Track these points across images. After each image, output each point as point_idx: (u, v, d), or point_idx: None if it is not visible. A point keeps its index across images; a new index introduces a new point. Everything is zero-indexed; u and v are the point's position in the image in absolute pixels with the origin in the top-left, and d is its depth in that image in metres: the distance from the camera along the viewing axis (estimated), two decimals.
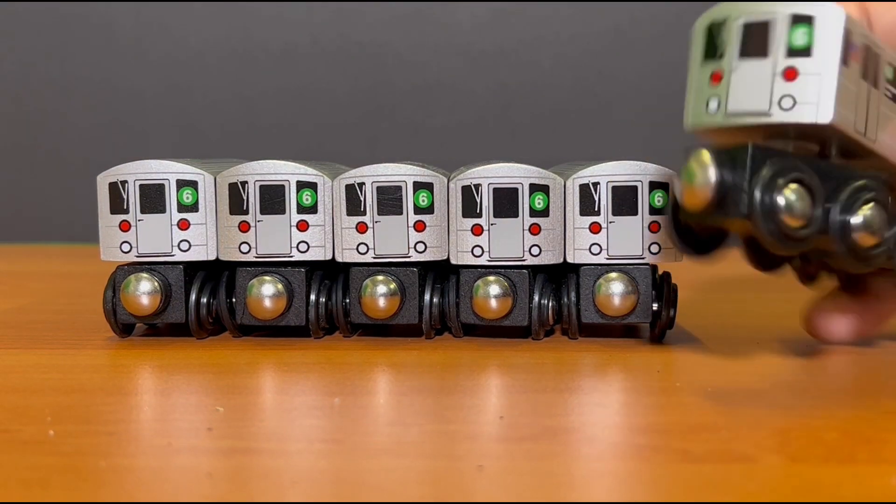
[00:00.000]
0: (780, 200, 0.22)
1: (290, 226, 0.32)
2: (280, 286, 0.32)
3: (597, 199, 0.32)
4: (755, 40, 0.23)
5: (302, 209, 0.32)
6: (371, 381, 0.28)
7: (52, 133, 0.74)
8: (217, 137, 0.73)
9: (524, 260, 0.32)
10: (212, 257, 0.33)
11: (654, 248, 0.32)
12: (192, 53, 0.73)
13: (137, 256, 0.33)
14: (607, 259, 0.32)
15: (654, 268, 0.32)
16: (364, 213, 0.32)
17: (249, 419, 0.24)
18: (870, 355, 0.31)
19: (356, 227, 0.32)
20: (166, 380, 0.29)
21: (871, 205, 0.23)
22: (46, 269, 0.60)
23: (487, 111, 0.72)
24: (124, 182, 0.33)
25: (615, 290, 0.31)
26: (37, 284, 0.51)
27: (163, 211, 0.32)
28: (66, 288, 0.49)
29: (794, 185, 0.22)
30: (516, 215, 0.32)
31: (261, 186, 0.32)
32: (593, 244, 0.32)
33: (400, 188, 0.32)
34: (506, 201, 0.32)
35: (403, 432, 0.23)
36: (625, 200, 0.31)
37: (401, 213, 0.32)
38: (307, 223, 0.32)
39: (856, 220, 0.23)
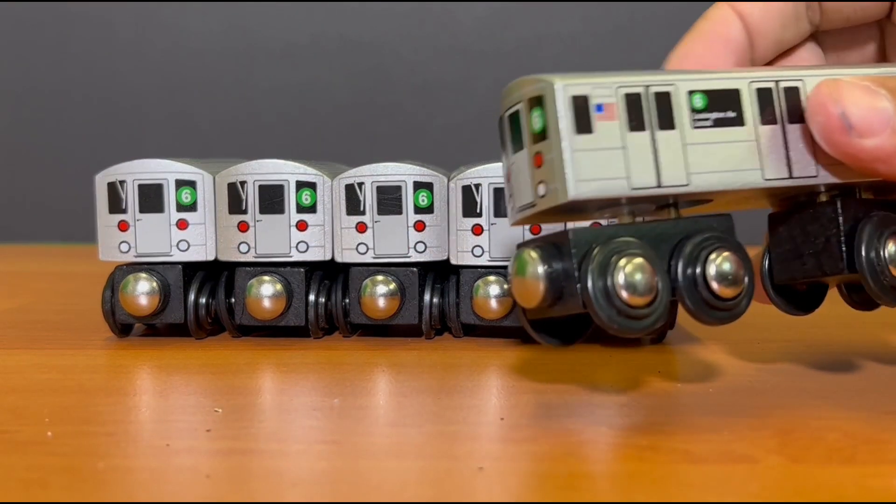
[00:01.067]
0: (620, 280, 0.20)
1: (290, 225, 0.32)
2: (279, 286, 0.32)
3: None
4: (514, 131, 0.22)
5: (301, 209, 0.32)
6: (371, 381, 0.28)
7: (52, 133, 0.74)
8: (216, 137, 0.73)
9: None
10: (211, 257, 0.33)
11: None
12: (192, 53, 0.73)
13: (136, 256, 0.33)
14: None
15: None
16: (364, 213, 0.32)
17: (248, 420, 0.24)
18: (869, 356, 0.31)
19: (356, 227, 0.32)
20: (165, 380, 0.29)
21: (723, 254, 0.21)
22: (46, 269, 0.60)
23: (487, 111, 0.72)
24: (123, 182, 0.32)
25: None
26: (36, 284, 0.51)
27: (161, 211, 0.32)
28: (65, 288, 0.49)
29: (634, 261, 0.20)
30: None
31: (260, 186, 0.32)
32: None
33: (400, 188, 0.32)
34: None
35: (403, 433, 0.23)
36: None
37: (401, 213, 0.32)
38: (306, 223, 0.32)
39: (710, 271, 0.21)
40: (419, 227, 0.32)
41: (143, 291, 0.32)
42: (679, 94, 0.22)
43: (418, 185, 0.32)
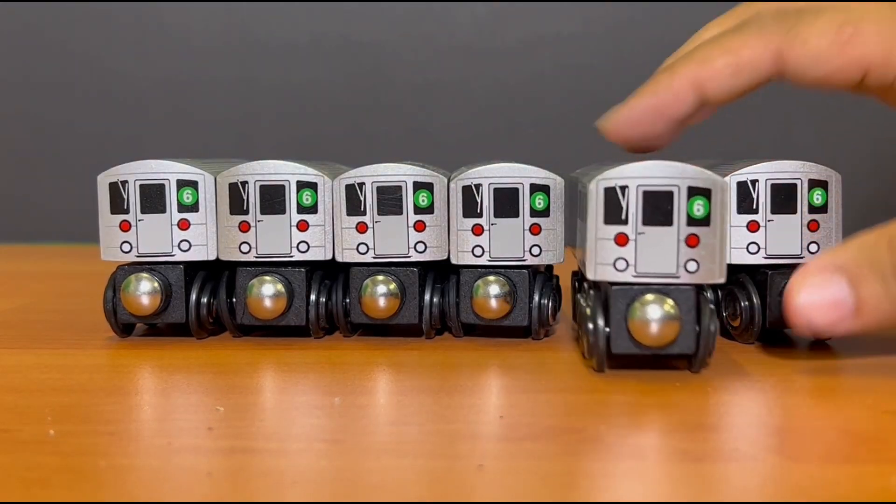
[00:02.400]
0: None
1: (291, 226, 0.32)
2: (280, 286, 0.32)
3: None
4: (655, 207, 0.26)
5: (302, 209, 0.32)
6: (371, 380, 0.28)
7: (52, 133, 0.74)
8: (217, 137, 0.73)
9: (524, 260, 0.32)
10: (212, 257, 0.33)
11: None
12: (193, 54, 0.73)
13: (138, 256, 0.33)
14: None
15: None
16: (364, 213, 0.32)
17: (249, 419, 0.24)
18: (870, 355, 0.31)
19: (356, 227, 0.32)
20: (166, 379, 0.29)
21: None
22: (46, 269, 0.60)
23: (487, 111, 0.72)
24: (124, 182, 0.33)
25: None
26: (37, 284, 0.51)
27: (163, 211, 0.32)
28: (66, 288, 0.49)
29: None
30: (517, 215, 0.32)
31: (261, 186, 0.32)
32: None
33: (400, 188, 0.32)
34: (506, 201, 0.32)
35: (403, 432, 0.23)
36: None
37: (401, 213, 0.32)
38: (307, 223, 0.32)
39: None
40: (419, 227, 0.32)
41: (144, 291, 0.32)
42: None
43: (418, 186, 0.32)
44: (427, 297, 0.32)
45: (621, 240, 0.26)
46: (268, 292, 0.32)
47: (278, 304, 0.32)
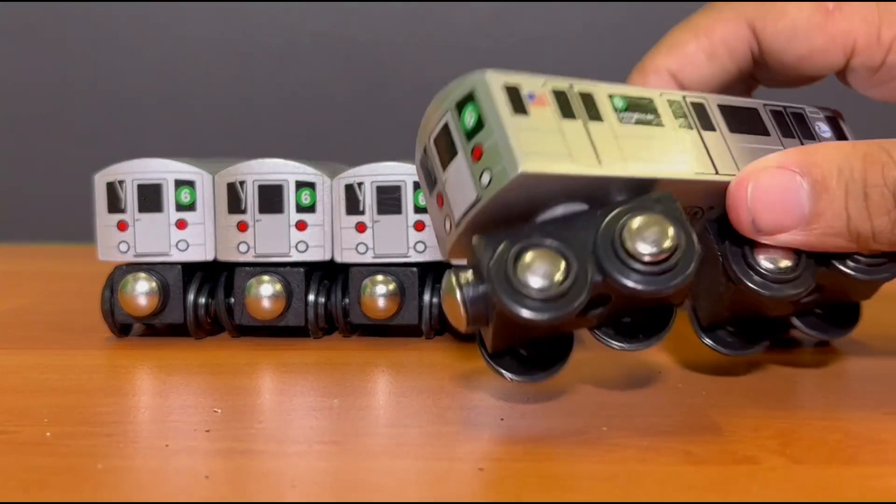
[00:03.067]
0: (514, 273, 0.20)
1: (289, 225, 0.32)
2: (279, 286, 0.32)
3: None
4: (446, 145, 0.22)
5: (301, 209, 0.32)
6: (371, 381, 0.28)
7: (51, 133, 0.74)
8: (215, 137, 0.73)
9: None
10: (210, 257, 0.33)
11: None
12: (191, 52, 0.73)
13: (135, 256, 0.33)
14: None
15: None
16: (363, 213, 0.32)
17: (248, 420, 0.24)
18: (871, 356, 0.30)
19: (355, 227, 0.32)
20: (164, 380, 0.29)
21: (638, 217, 0.20)
22: (45, 269, 0.60)
23: None
24: (122, 181, 0.32)
25: None
26: (35, 284, 0.51)
27: (160, 210, 0.32)
28: (64, 288, 0.49)
29: (530, 253, 0.20)
30: None
31: (259, 186, 0.32)
32: None
33: (399, 188, 0.32)
34: None
35: (403, 433, 0.23)
36: None
37: (400, 213, 0.32)
38: (306, 223, 0.32)
39: (626, 234, 0.20)
40: (419, 226, 0.32)
41: (142, 291, 0.32)
42: (600, 94, 0.22)
43: (418, 185, 0.32)
44: (427, 297, 0.32)
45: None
46: (266, 292, 0.32)
47: (277, 304, 0.32)
